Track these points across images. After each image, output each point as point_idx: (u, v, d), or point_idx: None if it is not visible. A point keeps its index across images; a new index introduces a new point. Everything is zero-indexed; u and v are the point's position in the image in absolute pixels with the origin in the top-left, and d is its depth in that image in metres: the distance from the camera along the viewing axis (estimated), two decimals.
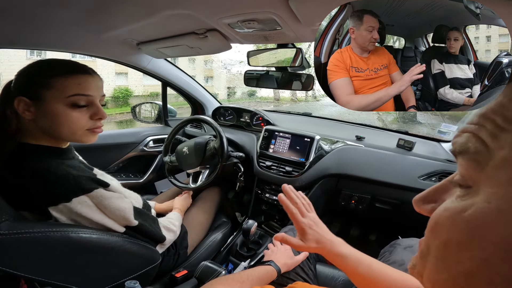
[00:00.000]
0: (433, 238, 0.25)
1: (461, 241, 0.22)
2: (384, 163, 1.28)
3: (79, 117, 0.73)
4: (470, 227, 0.21)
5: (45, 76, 0.69)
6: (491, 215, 0.20)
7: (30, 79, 0.71)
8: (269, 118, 1.68)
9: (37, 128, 0.72)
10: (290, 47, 0.99)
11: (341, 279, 1.00)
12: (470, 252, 0.21)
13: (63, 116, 0.71)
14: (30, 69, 0.72)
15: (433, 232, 0.26)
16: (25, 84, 0.70)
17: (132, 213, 0.81)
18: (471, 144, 0.23)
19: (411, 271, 0.29)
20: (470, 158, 0.23)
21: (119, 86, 12.40)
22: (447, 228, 0.23)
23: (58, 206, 0.69)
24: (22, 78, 0.72)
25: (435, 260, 0.25)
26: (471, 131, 0.23)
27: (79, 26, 0.96)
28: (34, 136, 0.73)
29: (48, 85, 0.69)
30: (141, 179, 1.77)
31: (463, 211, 0.22)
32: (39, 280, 0.65)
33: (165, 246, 0.97)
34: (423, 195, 0.29)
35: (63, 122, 0.71)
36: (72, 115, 0.72)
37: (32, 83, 0.70)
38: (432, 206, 0.27)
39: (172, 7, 0.77)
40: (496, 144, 0.21)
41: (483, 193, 0.21)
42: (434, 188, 0.29)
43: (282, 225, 1.46)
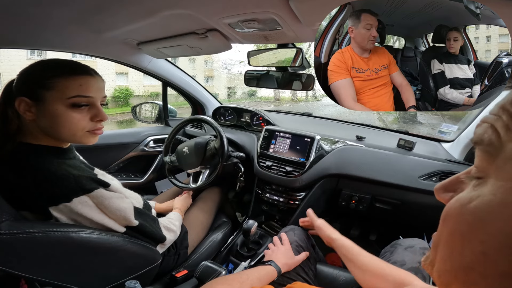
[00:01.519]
0: (443, 228, 0.25)
1: (464, 233, 0.22)
2: (385, 163, 1.28)
3: (79, 118, 0.73)
4: (473, 218, 0.21)
5: (46, 76, 0.69)
6: (494, 208, 0.20)
7: (31, 80, 0.70)
8: (270, 118, 1.68)
9: (37, 128, 0.72)
10: (291, 47, 0.99)
11: (341, 279, 1.00)
12: (471, 244, 0.21)
13: (64, 117, 0.70)
14: (31, 69, 0.72)
15: (444, 221, 0.25)
16: (26, 85, 0.70)
17: (133, 213, 0.81)
18: (487, 135, 0.22)
19: (424, 263, 0.29)
20: (484, 150, 0.23)
21: (119, 86, 12.41)
22: (454, 218, 0.23)
23: (59, 206, 0.69)
24: (23, 78, 0.72)
25: (443, 251, 0.25)
26: (489, 121, 0.23)
27: (80, 26, 0.96)
28: (34, 136, 0.73)
29: (49, 85, 0.69)
30: (141, 179, 1.78)
31: (469, 202, 0.22)
32: (39, 280, 0.65)
33: (165, 246, 0.97)
34: (445, 184, 0.28)
35: (63, 123, 0.71)
36: (73, 116, 0.71)
37: (33, 84, 0.69)
38: (451, 195, 0.27)
39: (172, 7, 0.77)
40: (508, 137, 0.21)
41: (490, 185, 0.21)
42: (456, 177, 0.28)
43: (282, 225, 1.46)
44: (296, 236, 1.03)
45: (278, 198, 1.41)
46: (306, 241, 1.04)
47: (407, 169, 1.23)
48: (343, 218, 1.73)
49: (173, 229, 1.00)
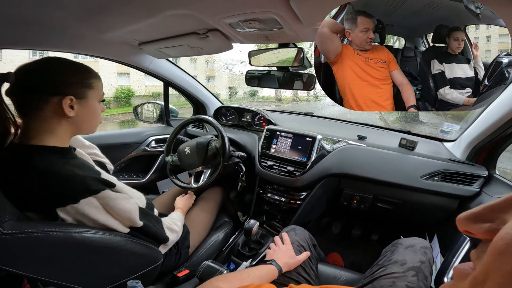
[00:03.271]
0: (496, 263, 0.21)
1: None
2: (386, 162, 1.28)
3: (100, 110, 0.86)
4: None
5: (88, 77, 0.79)
6: None
7: (74, 81, 0.76)
8: (271, 118, 1.68)
9: (62, 127, 0.76)
10: (292, 46, 0.99)
11: (343, 279, 1.00)
12: None
13: (98, 111, 0.84)
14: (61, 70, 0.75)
15: (503, 256, 0.22)
16: (70, 85, 0.75)
17: (138, 214, 0.81)
18: None
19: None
20: None
21: (121, 86, 12.46)
22: None
23: (66, 208, 0.69)
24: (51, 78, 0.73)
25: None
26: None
27: (82, 27, 0.96)
28: (39, 138, 0.73)
29: (92, 85, 0.79)
30: (143, 179, 1.78)
31: None
32: (42, 279, 0.65)
33: (168, 246, 0.97)
34: (477, 213, 0.25)
35: (97, 115, 0.84)
36: (99, 109, 0.85)
37: (79, 84, 0.77)
38: (489, 226, 0.24)
39: (174, 7, 0.77)
40: None
41: None
42: (490, 206, 0.25)
43: (283, 224, 1.46)
44: (298, 236, 1.04)
45: (280, 198, 1.41)
46: (308, 241, 1.04)
47: (409, 169, 1.23)
48: (344, 218, 1.73)
49: (176, 229, 1.01)
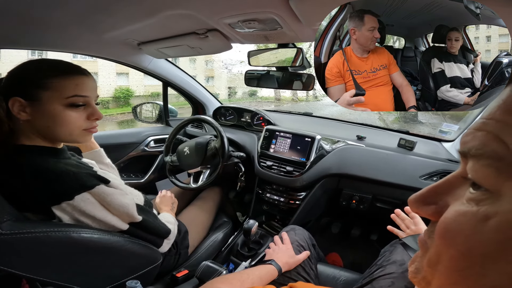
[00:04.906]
0: (446, 246, 0.22)
1: (486, 253, 0.20)
2: (385, 163, 1.28)
3: (77, 117, 0.73)
4: (498, 238, 0.19)
5: (42, 76, 0.69)
6: None
7: (25, 80, 0.70)
8: (270, 118, 1.68)
9: (32, 129, 0.71)
10: (291, 46, 0.99)
11: (342, 279, 1.00)
12: (496, 265, 0.19)
13: (62, 116, 0.71)
14: (22, 69, 0.71)
15: (445, 239, 0.22)
16: (20, 85, 0.69)
17: (135, 208, 0.81)
18: (489, 147, 0.19)
19: (413, 275, 0.26)
20: (489, 165, 0.19)
21: (120, 86, 12.44)
22: (466, 236, 0.21)
23: (61, 205, 0.68)
24: (15, 78, 0.70)
25: (449, 271, 0.22)
26: (489, 130, 0.20)
27: (81, 27, 0.96)
28: (28, 137, 0.72)
29: (45, 85, 0.69)
30: (142, 179, 1.78)
31: (485, 218, 0.19)
32: (41, 280, 0.65)
33: (171, 240, 0.96)
34: (422, 195, 0.25)
35: (61, 122, 0.71)
36: (70, 115, 0.72)
37: (28, 84, 0.69)
38: (434, 208, 0.24)
39: (173, 7, 0.77)
40: None
41: (507, 201, 0.19)
42: (433, 188, 0.25)
43: (283, 225, 1.46)
44: (297, 236, 1.04)
45: (279, 198, 1.41)
46: (307, 241, 1.04)
47: (408, 169, 1.23)
48: (343, 218, 1.73)
49: (172, 221, 1.00)
